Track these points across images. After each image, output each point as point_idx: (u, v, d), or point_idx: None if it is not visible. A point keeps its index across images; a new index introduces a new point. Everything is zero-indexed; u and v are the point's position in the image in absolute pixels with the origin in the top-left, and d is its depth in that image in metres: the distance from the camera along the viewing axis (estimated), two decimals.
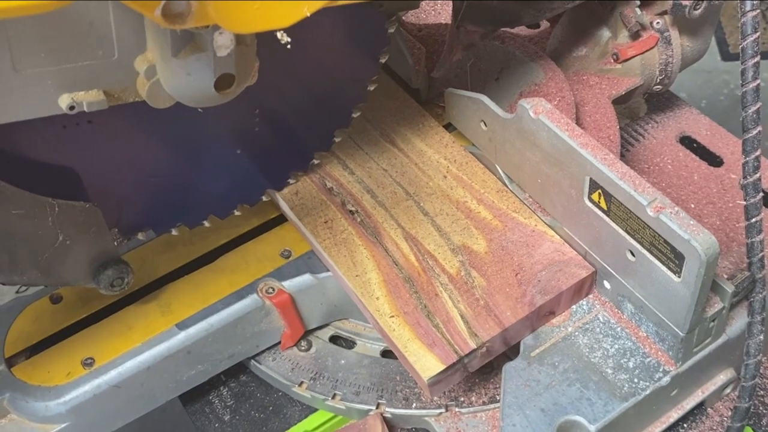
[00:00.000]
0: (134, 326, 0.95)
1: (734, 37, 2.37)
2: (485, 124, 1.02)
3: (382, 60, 0.98)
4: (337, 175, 1.05)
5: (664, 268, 0.83)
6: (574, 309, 0.94)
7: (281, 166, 1.02)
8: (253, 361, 1.03)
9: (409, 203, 1.01)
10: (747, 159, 0.84)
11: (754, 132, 0.83)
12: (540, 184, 0.96)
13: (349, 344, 1.04)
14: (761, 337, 0.89)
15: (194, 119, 0.83)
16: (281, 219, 1.05)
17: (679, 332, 0.85)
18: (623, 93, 1.10)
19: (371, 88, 1.00)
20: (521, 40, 1.12)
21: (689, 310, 0.83)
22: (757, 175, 0.84)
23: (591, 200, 0.88)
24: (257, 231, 1.05)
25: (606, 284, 0.93)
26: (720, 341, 0.91)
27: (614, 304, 0.93)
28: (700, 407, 0.97)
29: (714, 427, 0.97)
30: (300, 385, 1.00)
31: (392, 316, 0.90)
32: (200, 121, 0.86)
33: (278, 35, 0.63)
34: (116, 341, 0.94)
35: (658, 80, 1.11)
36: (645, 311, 0.89)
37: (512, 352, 0.93)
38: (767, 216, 0.89)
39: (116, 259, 0.91)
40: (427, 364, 0.86)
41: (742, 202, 0.85)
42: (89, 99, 0.70)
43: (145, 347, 0.93)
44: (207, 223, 1.00)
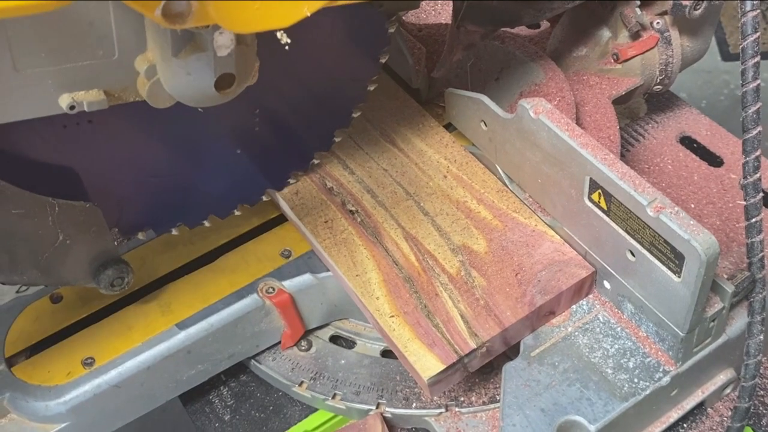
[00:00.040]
0: (134, 326, 0.95)
1: (734, 37, 2.37)
2: (485, 124, 1.02)
3: (383, 60, 0.98)
4: (338, 175, 1.05)
5: (664, 268, 0.83)
6: (574, 309, 0.94)
7: (281, 166, 1.02)
8: (254, 361, 1.03)
9: (409, 203, 1.01)
10: (747, 159, 0.84)
11: (754, 132, 0.83)
12: (540, 184, 0.96)
13: (349, 344, 1.04)
14: (761, 337, 0.89)
15: (194, 119, 0.83)
16: (281, 219, 1.06)
17: (679, 332, 0.85)
18: (623, 93, 1.10)
19: (371, 88, 1.00)
20: (521, 40, 1.12)
21: (689, 310, 0.83)
22: (757, 175, 0.84)
23: (591, 200, 0.88)
24: (257, 231, 1.05)
25: (606, 284, 0.93)
26: (720, 341, 0.91)
27: (614, 304, 0.93)
28: (700, 407, 0.97)
29: (714, 427, 0.97)
30: (300, 385, 1.00)
31: (392, 316, 0.90)
32: (200, 121, 0.86)
33: (278, 36, 0.63)
34: (116, 341, 0.94)
35: (659, 80, 1.11)
36: (645, 311, 0.89)
37: (512, 352, 0.93)
38: (767, 216, 0.89)
39: (116, 259, 0.91)
40: (427, 364, 0.86)
41: (742, 202, 0.85)
42: (89, 99, 0.70)
43: (145, 347, 0.93)
44: (207, 223, 1.00)
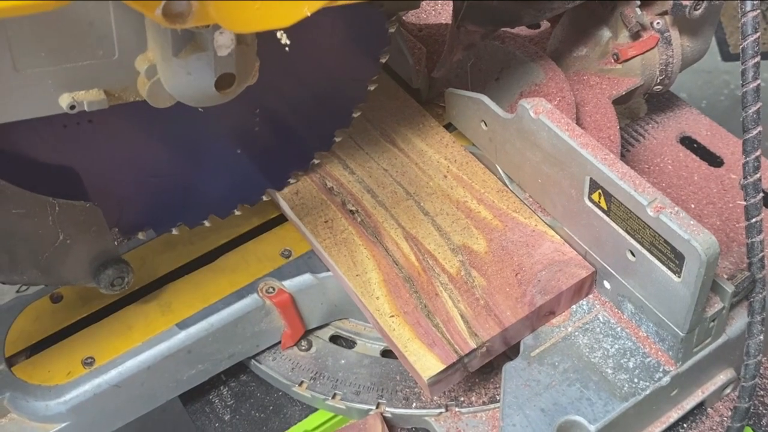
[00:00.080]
0: (134, 326, 0.95)
1: (735, 38, 2.37)
2: (485, 124, 1.02)
3: (383, 60, 0.98)
4: (338, 175, 1.05)
5: (664, 268, 0.83)
6: (574, 309, 0.94)
7: (281, 166, 1.02)
8: (254, 361, 1.03)
9: (410, 203, 1.01)
10: (747, 159, 0.84)
11: (755, 132, 0.83)
12: (540, 184, 0.96)
13: (350, 344, 1.04)
14: (761, 337, 0.89)
15: (195, 119, 0.83)
16: (281, 219, 1.06)
17: (679, 332, 0.85)
18: (623, 93, 1.10)
19: (372, 88, 1.00)
20: (522, 40, 1.12)
21: (689, 310, 0.83)
22: (758, 176, 0.84)
23: (591, 200, 0.88)
24: (257, 231, 1.05)
25: (606, 284, 0.93)
26: (720, 341, 0.91)
27: (614, 304, 0.93)
28: (700, 407, 0.97)
29: (714, 427, 0.97)
30: (300, 385, 1.00)
31: (392, 316, 0.90)
32: (201, 121, 0.86)
33: (278, 35, 0.63)
34: (116, 341, 0.94)
35: (659, 80, 1.11)
36: (645, 311, 0.89)
37: (512, 352, 0.93)
38: (767, 216, 0.89)
39: (116, 259, 0.91)
40: (427, 364, 0.86)
41: (743, 203, 0.85)
42: (90, 98, 0.70)
43: (146, 347, 0.93)
44: (207, 223, 1.00)
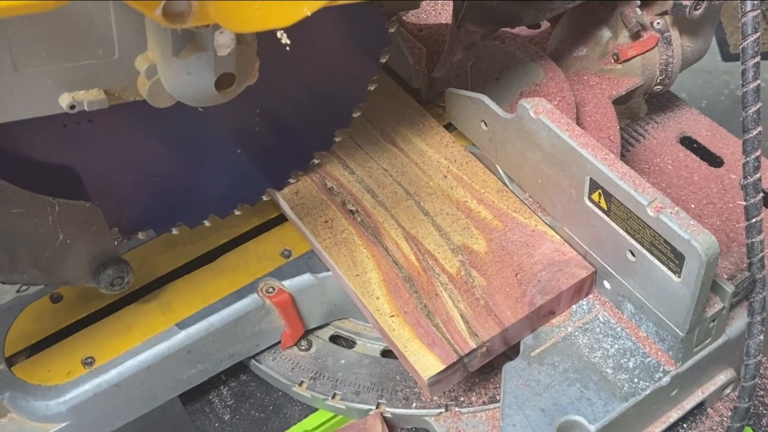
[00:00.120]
0: (134, 325, 0.95)
1: (735, 38, 2.37)
2: (486, 124, 1.02)
3: (383, 60, 0.98)
4: (338, 175, 1.05)
5: (664, 268, 0.83)
6: (574, 309, 0.94)
7: (281, 166, 1.02)
8: (254, 361, 1.03)
9: (410, 203, 1.01)
10: (747, 159, 0.84)
11: (755, 132, 0.83)
12: (540, 184, 0.96)
13: (349, 344, 1.04)
14: (761, 338, 0.89)
15: (195, 119, 0.83)
16: (281, 219, 1.05)
17: (679, 332, 0.85)
18: (624, 93, 1.10)
19: (372, 88, 1.00)
20: (522, 41, 1.12)
21: (689, 310, 0.83)
22: (758, 176, 0.84)
23: (591, 200, 0.88)
24: (257, 230, 1.05)
25: (606, 284, 0.93)
26: (720, 341, 0.91)
27: (614, 304, 0.93)
28: (700, 407, 0.97)
29: (714, 428, 0.97)
30: (300, 385, 1.00)
31: (392, 316, 0.90)
32: (201, 121, 0.86)
33: (278, 35, 0.63)
34: (116, 340, 0.94)
35: (659, 80, 1.11)
36: (645, 311, 0.89)
37: (512, 352, 0.93)
38: (767, 216, 0.89)
39: (116, 259, 0.91)
40: (427, 364, 0.86)
41: (743, 203, 0.85)
42: (90, 98, 0.70)
43: (146, 346, 0.93)
44: (207, 223, 1.00)
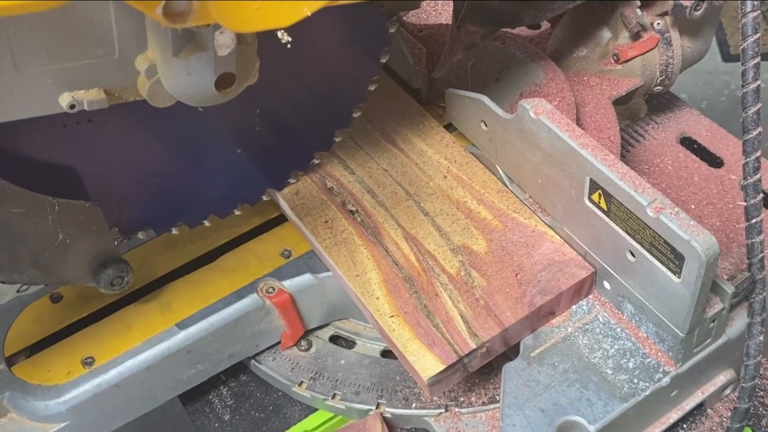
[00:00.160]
0: (134, 325, 0.95)
1: (735, 38, 2.37)
2: (486, 125, 1.02)
3: (383, 60, 0.98)
4: (338, 175, 1.05)
5: (664, 269, 0.83)
6: (574, 309, 0.94)
7: (282, 166, 1.02)
8: (253, 361, 1.03)
9: (410, 203, 1.01)
10: (747, 160, 0.84)
11: (755, 133, 0.83)
12: (540, 185, 0.96)
13: (349, 344, 1.04)
14: (761, 338, 0.89)
15: (195, 118, 0.83)
16: (281, 219, 1.05)
17: (679, 333, 0.85)
18: (624, 94, 1.10)
19: (372, 88, 1.00)
20: (522, 41, 1.12)
21: (689, 311, 0.83)
22: (758, 176, 0.84)
23: (591, 201, 0.88)
24: (258, 231, 1.05)
25: (606, 285, 0.93)
26: (720, 342, 0.91)
27: (614, 305, 0.93)
28: (700, 408, 0.97)
29: (714, 428, 0.97)
30: (300, 385, 1.00)
31: (392, 316, 0.90)
32: (201, 121, 0.86)
33: (279, 35, 0.63)
34: (116, 340, 0.94)
35: (659, 81, 1.11)
36: (645, 312, 0.89)
37: (512, 353, 0.93)
38: (767, 217, 0.89)
39: (116, 258, 0.91)
40: (427, 364, 0.86)
41: (743, 203, 0.85)
42: (90, 98, 0.70)
43: (145, 346, 0.93)
44: (207, 223, 1.00)
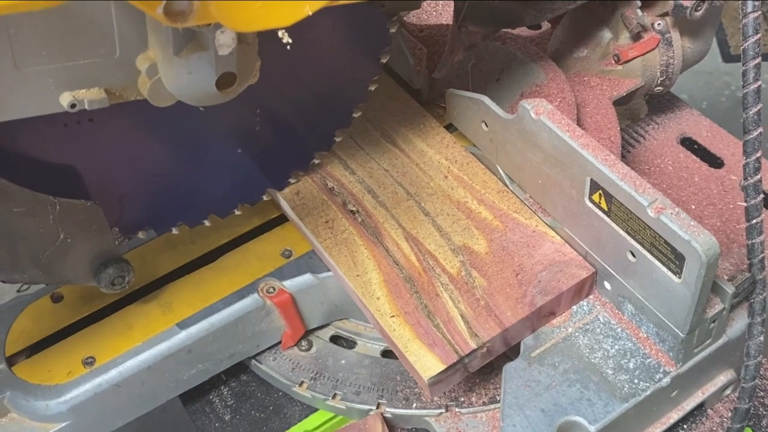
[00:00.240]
0: (135, 325, 0.95)
1: (735, 39, 2.37)
2: (486, 125, 1.02)
3: (384, 60, 0.98)
4: (338, 175, 1.05)
5: (665, 269, 0.83)
6: (575, 310, 0.94)
7: (282, 166, 1.02)
8: (254, 361, 1.03)
9: (410, 203, 1.01)
10: (748, 160, 0.84)
11: (755, 133, 0.83)
12: (541, 185, 0.96)
13: (350, 344, 1.04)
14: (761, 339, 0.89)
15: (195, 118, 0.83)
16: (282, 219, 1.06)
17: (680, 333, 0.85)
18: (624, 94, 1.10)
19: (372, 88, 1.00)
20: (522, 41, 1.12)
21: (689, 311, 0.83)
22: (758, 177, 0.84)
23: (592, 201, 0.88)
24: (258, 230, 1.05)
25: (606, 285, 0.93)
26: (720, 342, 0.91)
27: (615, 305, 0.93)
28: (700, 408, 0.97)
29: (714, 428, 0.97)
30: (300, 385, 1.00)
31: (393, 316, 0.90)
32: (201, 120, 0.86)
33: (279, 34, 0.63)
34: (117, 340, 0.94)
35: (659, 81, 1.11)
36: (645, 312, 0.89)
37: (512, 353, 0.93)
38: (767, 217, 0.90)
39: (117, 258, 0.92)
40: (428, 364, 0.86)
41: (743, 204, 0.85)
42: (90, 97, 0.70)
43: (146, 346, 0.93)
44: (208, 223, 1.00)
